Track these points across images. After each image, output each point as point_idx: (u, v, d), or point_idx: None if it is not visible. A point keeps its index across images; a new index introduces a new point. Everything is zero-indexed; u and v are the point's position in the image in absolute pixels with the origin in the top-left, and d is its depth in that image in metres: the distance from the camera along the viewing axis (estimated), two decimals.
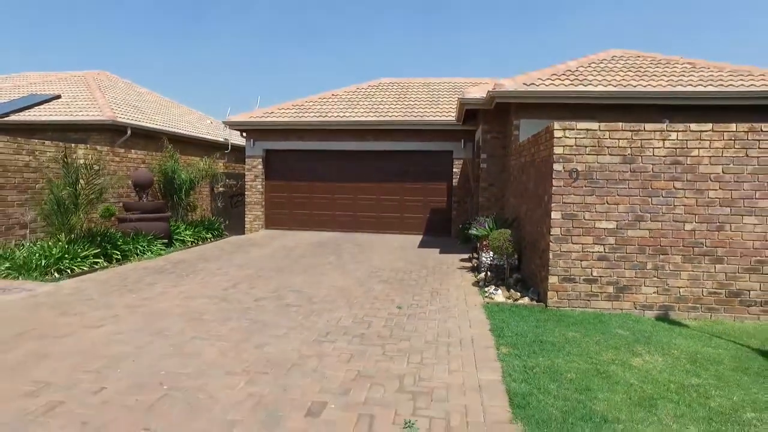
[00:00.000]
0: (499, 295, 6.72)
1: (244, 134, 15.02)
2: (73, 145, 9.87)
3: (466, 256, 10.27)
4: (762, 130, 5.85)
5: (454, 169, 13.80)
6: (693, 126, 6.00)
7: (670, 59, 10.78)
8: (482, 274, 7.84)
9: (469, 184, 13.34)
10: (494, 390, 3.79)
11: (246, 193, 14.84)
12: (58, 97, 16.45)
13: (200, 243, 11.91)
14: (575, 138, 6.11)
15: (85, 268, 8.19)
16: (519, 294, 6.73)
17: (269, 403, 3.54)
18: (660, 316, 6.03)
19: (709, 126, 5.97)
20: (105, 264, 8.70)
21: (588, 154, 6.10)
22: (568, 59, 11.12)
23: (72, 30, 73.93)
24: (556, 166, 6.11)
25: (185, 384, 3.85)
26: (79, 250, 8.33)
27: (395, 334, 5.16)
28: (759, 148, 5.85)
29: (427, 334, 5.17)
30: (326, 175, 14.53)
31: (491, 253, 7.84)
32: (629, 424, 3.26)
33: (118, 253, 9.15)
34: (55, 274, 7.74)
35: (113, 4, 68.82)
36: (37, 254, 7.88)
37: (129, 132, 14.35)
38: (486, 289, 7.06)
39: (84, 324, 5.35)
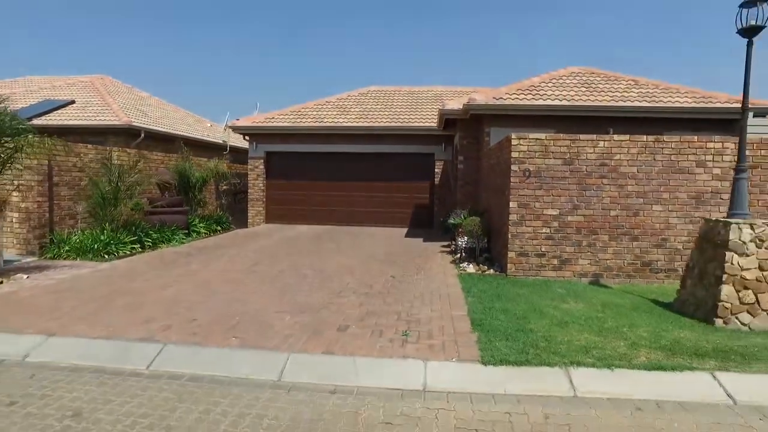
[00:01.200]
0: (471, 268, 8.55)
1: (247, 137, 16.63)
2: (108, 147, 11.42)
3: (446, 243, 12.07)
4: (665, 141, 7.77)
5: (436, 170, 15.63)
6: (615, 137, 7.90)
7: (618, 76, 12.73)
8: (458, 255, 9.65)
9: (449, 183, 15.18)
10: (461, 318, 5.59)
11: (249, 190, 16.45)
12: (73, 102, 17.84)
13: (212, 234, 13.51)
14: (528, 145, 7.95)
15: (127, 252, 9.80)
16: (486, 267, 8.57)
17: (311, 326, 5.28)
18: (592, 282, 7.88)
19: (627, 137, 7.87)
20: (140, 249, 10.31)
21: (537, 158, 7.94)
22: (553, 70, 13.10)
23: (57, 31, 74.15)
24: (513, 167, 7.93)
25: (249, 317, 5.57)
26: (122, 237, 9.93)
27: (391, 292, 6.93)
28: (662, 153, 7.75)
29: (415, 291, 6.96)
30: (322, 175, 16.23)
31: (465, 237, 9.67)
32: (546, 333, 5.08)
33: (150, 240, 10.75)
34: (105, 256, 9.33)
35: (104, 7, 69.38)
36: (90, 240, 9.46)
37: (142, 135, 15.85)
38: (461, 264, 8.88)
39: (152, 287, 7.01)
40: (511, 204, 7.97)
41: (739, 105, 10.09)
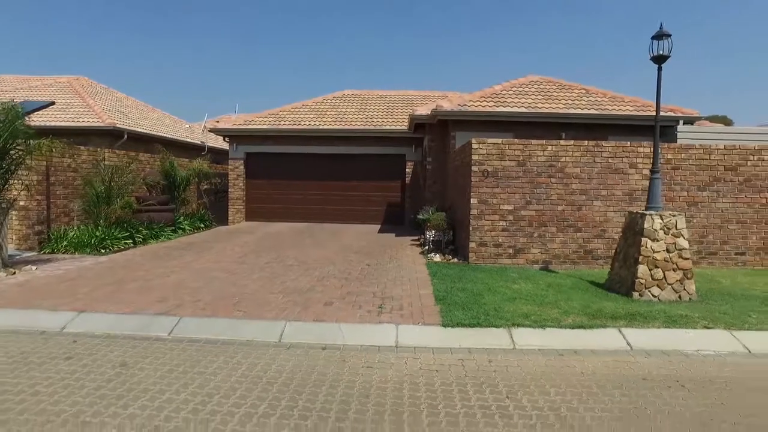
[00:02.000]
0: (437, 258, 9.65)
1: (227, 139, 17.39)
2: (99, 149, 12.10)
3: (416, 237, 13.15)
4: (603, 145, 9.01)
5: (407, 170, 16.73)
6: (562, 141, 9.10)
7: (571, 85, 14.01)
8: (426, 247, 10.74)
9: (419, 182, 16.28)
10: (427, 296, 6.66)
11: (229, 190, 17.22)
12: (53, 103, 18.17)
13: (197, 231, 14.28)
14: (486, 149, 9.07)
15: (121, 247, 10.56)
16: (451, 257, 9.68)
17: (301, 302, 6.27)
18: (542, 268, 9.05)
19: (571, 141, 9.08)
20: (132, 244, 11.05)
21: (495, 160, 9.07)
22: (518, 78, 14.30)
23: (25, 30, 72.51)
24: (474, 168, 9.05)
25: (247, 297, 6.51)
26: (115, 233, 10.67)
27: (368, 276, 7.96)
28: (601, 156, 8.99)
29: (388, 276, 8.00)
30: (300, 175, 17.14)
31: (433, 231, 10.76)
32: (496, 305, 6.17)
33: (141, 236, 11.50)
34: (102, 250, 10.07)
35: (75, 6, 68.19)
36: (86, 235, 10.18)
37: (125, 136, 16.43)
38: (428, 255, 9.97)
39: (154, 275, 7.86)
40: (472, 200, 9.08)
41: (673, 114, 11.54)
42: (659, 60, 6.62)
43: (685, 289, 6.51)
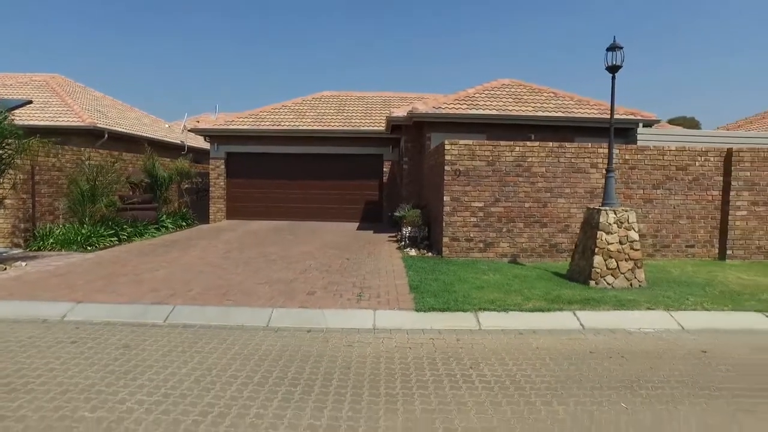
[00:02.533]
0: (413, 252, 10.21)
1: (208, 139, 17.68)
2: (83, 149, 12.33)
3: (393, 234, 13.69)
4: (566, 146, 9.69)
5: (384, 169, 17.28)
6: (528, 143, 9.75)
7: (541, 89, 14.74)
8: (403, 242, 11.30)
9: (396, 181, 16.83)
10: (403, 285, 7.20)
11: (210, 189, 17.52)
12: (30, 102, 18.17)
13: (179, 229, 14.57)
14: (458, 150, 9.66)
15: (107, 244, 10.84)
16: (426, 251, 10.25)
17: (286, 292, 6.74)
18: (511, 261, 9.68)
19: (537, 143, 9.73)
20: (117, 242, 11.34)
21: (466, 160, 9.67)
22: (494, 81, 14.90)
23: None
24: (447, 167, 9.62)
25: (235, 288, 6.96)
26: (101, 231, 10.95)
27: (347, 269, 8.47)
28: (565, 156, 9.66)
29: (367, 268, 8.53)
30: (280, 174, 17.53)
31: (409, 227, 11.32)
32: (465, 293, 6.75)
33: (125, 234, 11.79)
34: (88, 247, 10.35)
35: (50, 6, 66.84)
36: (72, 233, 10.45)
37: (106, 136, 16.59)
38: (405, 250, 10.52)
39: (144, 270, 8.23)
40: (445, 198, 9.65)
41: (633, 117, 12.30)
42: (613, 69, 7.29)
43: (635, 277, 7.19)
